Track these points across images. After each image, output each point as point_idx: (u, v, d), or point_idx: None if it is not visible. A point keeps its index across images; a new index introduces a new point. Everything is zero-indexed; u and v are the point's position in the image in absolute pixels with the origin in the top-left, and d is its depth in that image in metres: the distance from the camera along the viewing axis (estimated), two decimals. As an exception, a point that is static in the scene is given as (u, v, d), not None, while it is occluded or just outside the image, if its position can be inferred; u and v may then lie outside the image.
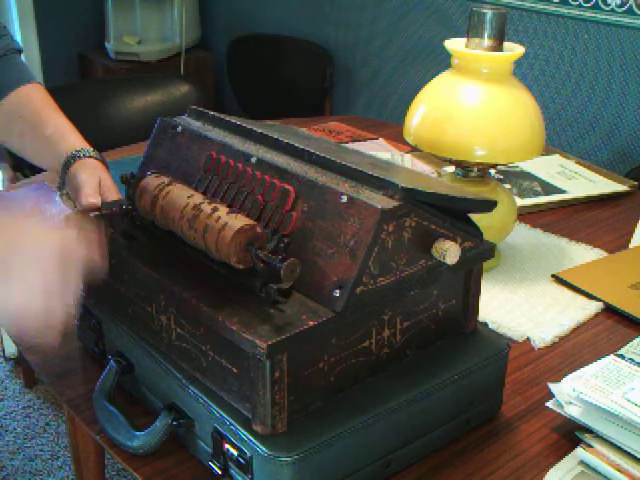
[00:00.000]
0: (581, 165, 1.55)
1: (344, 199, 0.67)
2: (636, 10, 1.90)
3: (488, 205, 0.79)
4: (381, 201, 0.66)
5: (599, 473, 0.74)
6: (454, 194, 0.75)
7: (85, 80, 3.12)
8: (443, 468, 0.75)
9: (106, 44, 3.04)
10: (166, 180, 0.76)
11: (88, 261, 0.69)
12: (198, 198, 0.72)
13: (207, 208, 0.70)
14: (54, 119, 1.02)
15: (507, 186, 1.41)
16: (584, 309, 1.04)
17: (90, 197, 0.89)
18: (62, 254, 0.66)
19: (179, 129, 0.85)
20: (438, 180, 0.88)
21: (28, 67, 1.12)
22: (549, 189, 1.42)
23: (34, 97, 1.05)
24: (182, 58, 3.04)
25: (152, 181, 0.76)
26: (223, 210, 0.69)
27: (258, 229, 0.67)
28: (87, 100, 1.98)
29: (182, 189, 0.74)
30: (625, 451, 0.73)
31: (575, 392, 0.77)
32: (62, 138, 1.00)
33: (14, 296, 0.64)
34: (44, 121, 1.02)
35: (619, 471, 0.72)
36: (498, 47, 1.03)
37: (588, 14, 2.00)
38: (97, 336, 0.86)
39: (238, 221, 0.67)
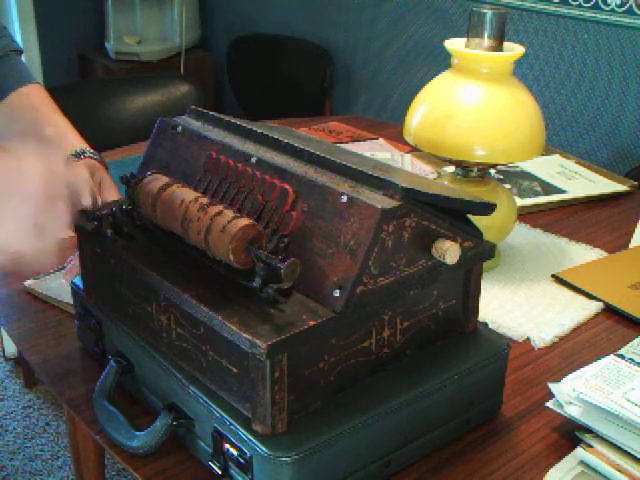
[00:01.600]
0: (581, 165, 1.55)
1: (344, 199, 0.67)
2: (636, 10, 1.90)
3: (487, 208, 0.79)
4: (381, 201, 0.66)
5: (599, 473, 0.74)
6: (453, 196, 0.75)
7: (85, 80, 3.12)
8: (443, 468, 0.75)
9: (106, 44, 3.04)
10: (166, 180, 0.76)
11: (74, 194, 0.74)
12: (198, 198, 0.72)
13: (207, 208, 0.70)
14: (54, 120, 1.03)
15: (507, 186, 1.41)
16: (584, 309, 1.04)
17: (90, 197, 0.89)
18: (49, 188, 0.69)
19: (179, 129, 0.85)
20: (437, 182, 0.88)
21: (28, 68, 1.12)
22: (549, 189, 1.42)
23: (34, 98, 1.05)
24: (182, 58, 3.04)
25: (152, 181, 0.76)
26: (223, 210, 0.69)
27: (258, 229, 0.67)
28: (87, 100, 1.98)
29: (182, 189, 0.74)
30: (625, 451, 0.73)
31: (575, 392, 0.77)
32: (62, 139, 1.00)
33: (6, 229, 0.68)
34: (44, 122, 1.02)
35: (619, 471, 0.72)
36: (498, 47, 1.03)
37: (588, 14, 2.00)
38: (97, 336, 0.86)
39: (238, 221, 0.67)
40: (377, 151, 1.60)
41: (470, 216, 0.77)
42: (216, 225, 0.68)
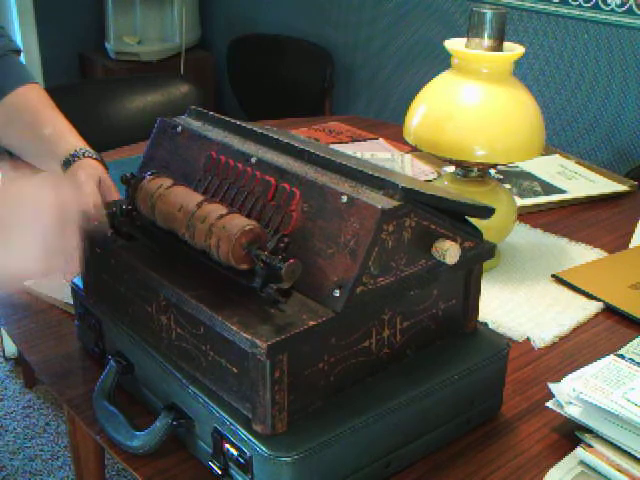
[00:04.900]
0: (581, 165, 1.55)
1: (344, 199, 0.67)
2: (636, 10, 1.90)
3: (485, 211, 0.79)
4: (381, 201, 0.66)
5: (599, 473, 0.74)
6: (451, 197, 0.75)
7: (85, 80, 3.12)
8: (443, 468, 0.75)
9: (106, 44, 3.04)
10: (166, 180, 0.76)
11: (82, 212, 0.75)
12: (198, 198, 0.72)
13: (207, 208, 0.70)
14: (53, 119, 1.02)
15: (507, 186, 1.41)
16: (584, 309, 1.04)
17: (91, 197, 0.89)
18: (57, 209, 0.71)
19: (179, 129, 0.85)
20: (435, 186, 0.89)
21: (26, 68, 1.12)
22: (549, 189, 1.42)
23: (32, 98, 1.05)
24: (182, 58, 3.04)
25: (152, 181, 0.76)
26: (223, 210, 0.69)
27: (258, 229, 0.67)
28: (87, 100, 1.98)
29: (182, 189, 0.74)
30: (625, 451, 0.73)
31: (575, 392, 0.77)
32: (61, 138, 1.00)
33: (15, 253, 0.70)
34: (42, 121, 1.02)
35: (619, 471, 0.72)
36: (498, 47, 1.03)
37: (588, 14, 2.00)
38: (97, 336, 0.86)
39: (238, 221, 0.67)
40: (377, 151, 1.60)
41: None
42: (216, 225, 0.68)
